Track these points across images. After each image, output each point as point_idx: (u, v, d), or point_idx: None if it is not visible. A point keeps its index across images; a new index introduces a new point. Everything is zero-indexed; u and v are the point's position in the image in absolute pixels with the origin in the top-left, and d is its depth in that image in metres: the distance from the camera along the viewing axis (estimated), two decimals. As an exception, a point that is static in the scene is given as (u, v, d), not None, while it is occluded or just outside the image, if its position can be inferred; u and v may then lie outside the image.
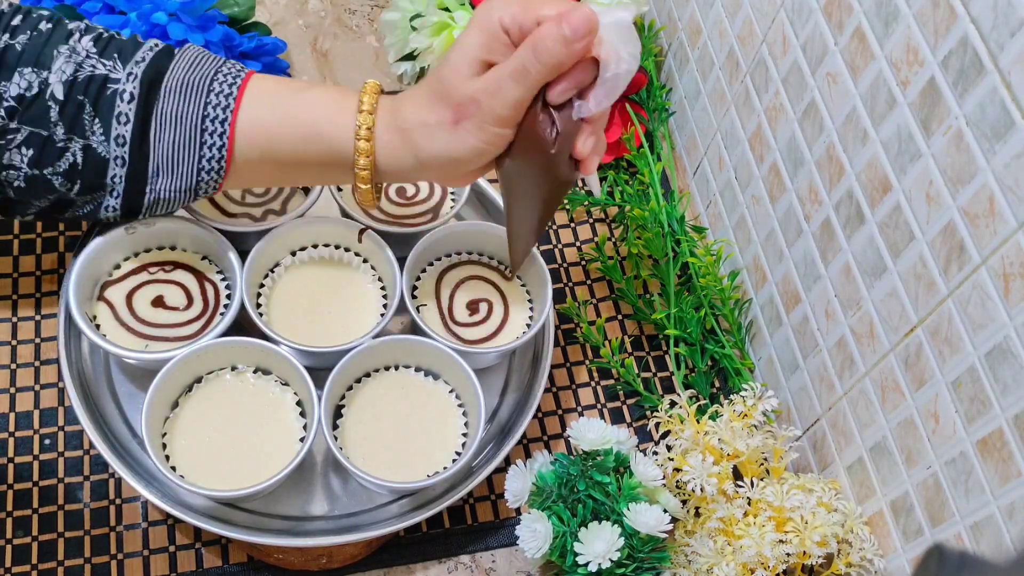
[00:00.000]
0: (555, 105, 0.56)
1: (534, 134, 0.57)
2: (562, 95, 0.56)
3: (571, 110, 0.56)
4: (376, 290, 0.75)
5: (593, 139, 0.58)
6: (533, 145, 0.57)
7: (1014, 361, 0.52)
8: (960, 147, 0.54)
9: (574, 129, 0.57)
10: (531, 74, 0.54)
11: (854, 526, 0.65)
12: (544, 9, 0.55)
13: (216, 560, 0.69)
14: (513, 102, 0.55)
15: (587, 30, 0.53)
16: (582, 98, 0.56)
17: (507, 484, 0.69)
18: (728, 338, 0.81)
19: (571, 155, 0.58)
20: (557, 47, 0.53)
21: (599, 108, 0.56)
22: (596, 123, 0.58)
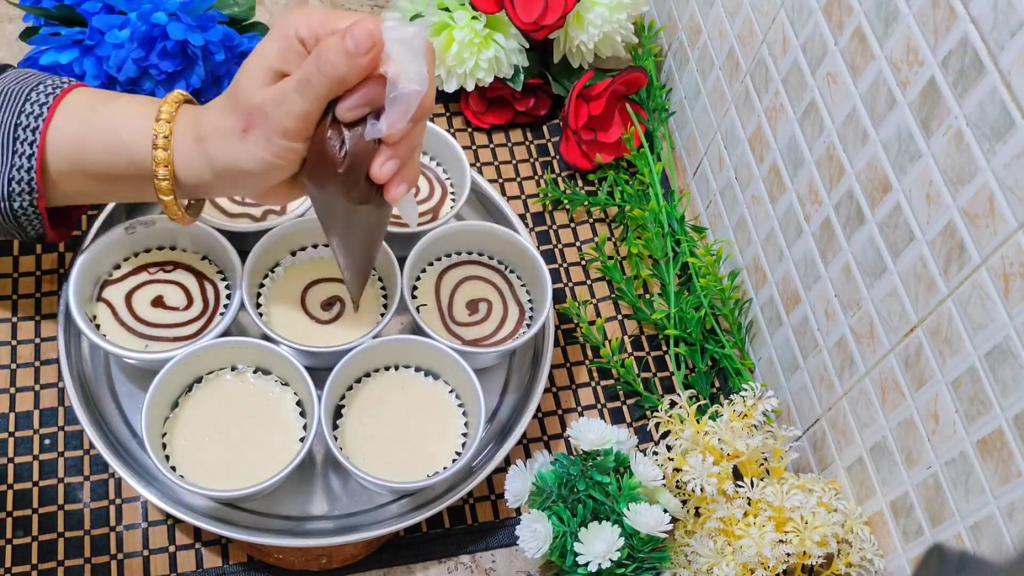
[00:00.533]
0: (346, 123, 0.54)
1: (324, 151, 0.54)
2: (350, 112, 0.54)
3: (364, 128, 0.54)
4: (376, 290, 0.75)
5: (393, 163, 0.55)
6: (323, 162, 0.55)
7: (1014, 361, 0.52)
8: (960, 147, 0.54)
9: (369, 149, 0.54)
10: (314, 86, 0.52)
11: (854, 526, 0.65)
12: (341, 22, 0.53)
13: (216, 560, 0.69)
14: (298, 114, 0.53)
15: (369, 44, 0.51)
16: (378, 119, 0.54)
17: (507, 484, 0.69)
18: (728, 338, 0.81)
19: (368, 178, 0.55)
20: (339, 60, 0.51)
21: (391, 129, 0.53)
22: (397, 147, 0.55)
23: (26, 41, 0.81)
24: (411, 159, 0.57)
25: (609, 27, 0.87)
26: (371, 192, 0.56)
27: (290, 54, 0.54)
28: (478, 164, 0.90)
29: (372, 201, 0.57)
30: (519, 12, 0.83)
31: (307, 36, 0.53)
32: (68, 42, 0.78)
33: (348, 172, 0.54)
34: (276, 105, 0.53)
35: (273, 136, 0.54)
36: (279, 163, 0.55)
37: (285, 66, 0.54)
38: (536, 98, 0.91)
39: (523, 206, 0.88)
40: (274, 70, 0.54)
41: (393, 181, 0.56)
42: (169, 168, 0.58)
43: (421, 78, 0.51)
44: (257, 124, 0.54)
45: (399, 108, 0.52)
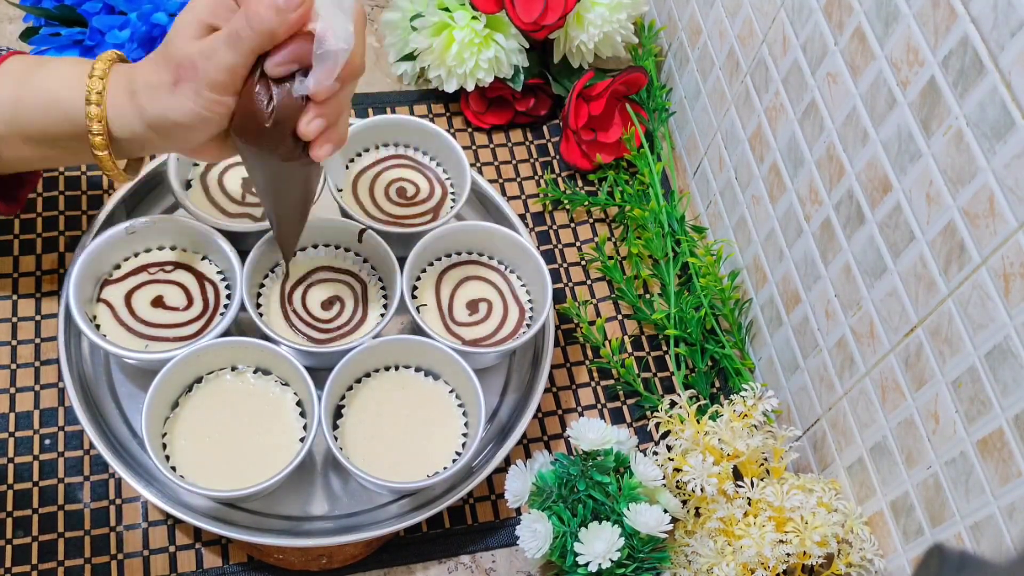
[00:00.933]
0: (275, 78, 0.54)
1: (252, 105, 0.55)
2: (278, 67, 0.54)
3: (292, 85, 0.54)
4: (376, 290, 0.75)
5: (320, 121, 0.56)
6: (250, 118, 0.55)
7: (1014, 361, 0.52)
8: (960, 147, 0.54)
9: (296, 106, 0.55)
10: (243, 40, 0.53)
11: (854, 526, 0.65)
12: None
13: (216, 560, 0.69)
14: (227, 67, 0.54)
15: (299, 0, 0.52)
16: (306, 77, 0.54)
17: (507, 484, 0.69)
18: (728, 338, 0.81)
19: (296, 135, 0.56)
20: (268, 13, 0.52)
21: (319, 86, 0.54)
22: (325, 105, 0.56)
23: (26, 41, 0.81)
24: (338, 120, 0.57)
25: (609, 27, 0.87)
26: (296, 149, 0.56)
27: (220, 8, 0.54)
28: (478, 164, 0.90)
29: (298, 158, 0.57)
30: (519, 12, 0.83)
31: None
32: (68, 42, 0.78)
33: (275, 127, 0.55)
34: (205, 58, 0.54)
35: (202, 88, 0.54)
36: (208, 115, 0.56)
37: (216, 20, 0.54)
38: (536, 98, 0.91)
39: (523, 206, 0.88)
40: (205, 23, 0.55)
41: (319, 140, 0.56)
42: (103, 123, 0.58)
43: (348, 36, 0.52)
44: (187, 76, 0.55)
45: (326, 65, 0.53)
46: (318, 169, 0.61)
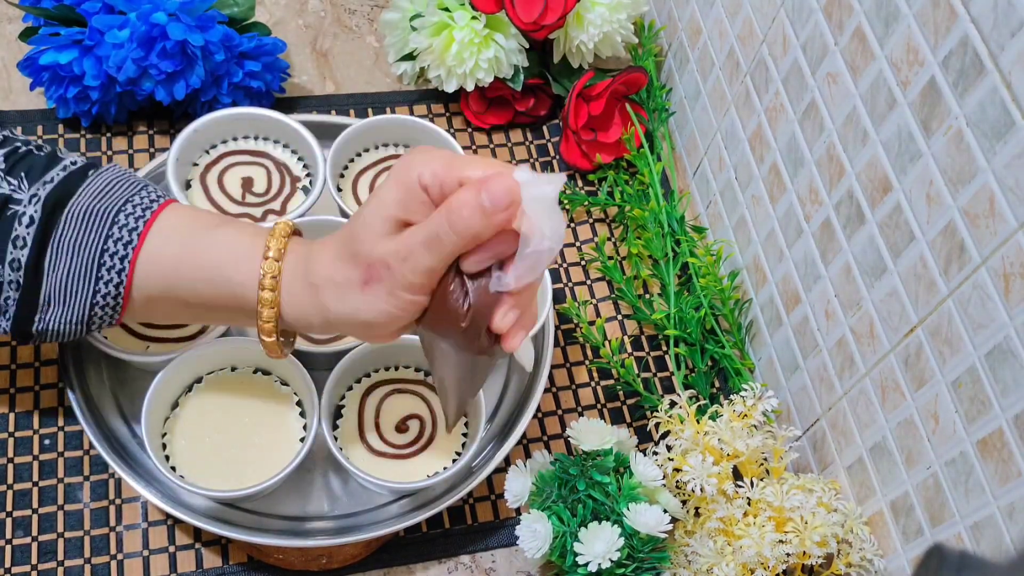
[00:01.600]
0: (470, 274, 0.51)
1: (446, 304, 0.52)
2: (477, 265, 0.50)
3: (488, 281, 0.51)
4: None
5: (514, 313, 0.52)
6: (445, 315, 0.52)
7: (1014, 361, 0.52)
8: (960, 147, 0.54)
9: (491, 302, 0.51)
10: (444, 244, 0.49)
11: (854, 526, 0.65)
12: (468, 170, 0.49)
13: (216, 560, 0.69)
14: (425, 270, 0.50)
15: (508, 202, 0.47)
16: (503, 269, 0.51)
17: (507, 484, 0.69)
18: (728, 338, 0.81)
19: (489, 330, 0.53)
20: (474, 217, 0.48)
21: (519, 284, 0.50)
22: (519, 297, 0.52)
23: (26, 41, 0.81)
24: (530, 307, 0.54)
25: (609, 27, 0.87)
26: (490, 343, 0.53)
27: (413, 203, 0.50)
28: (478, 164, 0.90)
29: (489, 351, 0.54)
30: (519, 12, 0.83)
31: (430, 183, 0.50)
32: (68, 42, 0.78)
33: (471, 326, 0.52)
34: (401, 260, 0.50)
35: (397, 290, 0.51)
36: (402, 315, 0.53)
37: (408, 215, 0.51)
38: (536, 98, 0.91)
39: (523, 206, 0.88)
40: (396, 219, 0.51)
41: (512, 331, 0.53)
42: (275, 309, 0.55)
43: (557, 236, 0.48)
44: (380, 278, 0.51)
45: (529, 264, 0.49)
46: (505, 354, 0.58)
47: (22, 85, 0.86)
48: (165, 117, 0.87)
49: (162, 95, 0.79)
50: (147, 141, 0.85)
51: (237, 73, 0.82)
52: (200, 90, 0.81)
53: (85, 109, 0.82)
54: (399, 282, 0.51)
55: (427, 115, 0.92)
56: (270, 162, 0.78)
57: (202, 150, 0.77)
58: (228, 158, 0.77)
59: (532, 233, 0.48)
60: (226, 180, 0.77)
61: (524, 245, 0.49)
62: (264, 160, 0.78)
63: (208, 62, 0.79)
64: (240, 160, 0.77)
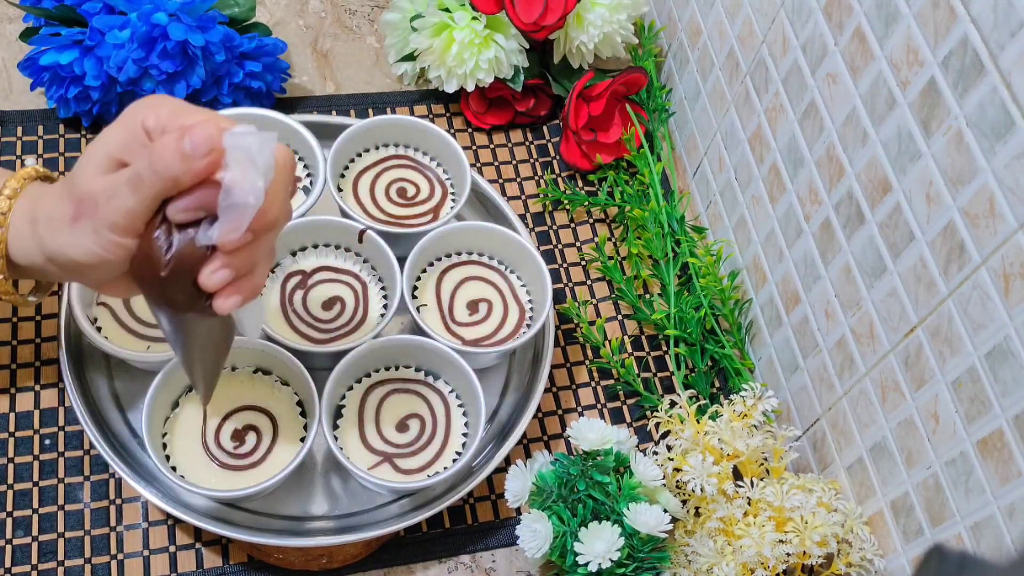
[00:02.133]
0: (177, 224, 0.50)
1: (150, 250, 0.50)
2: (181, 214, 0.49)
3: (196, 233, 0.49)
4: (376, 291, 0.75)
5: (225, 272, 0.50)
6: (147, 264, 0.50)
7: (1014, 361, 0.52)
8: (960, 147, 0.54)
9: (199, 255, 0.50)
10: (145, 184, 0.48)
11: (854, 526, 0.65)
12: (190, 118, 0.49)
13: (216, 560, 0.69)
14: (127, 210, 0.49)
15: (207, 149, 0.47)
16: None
17: (507, 484, 0.69)
18: (728, 338, 0.81)
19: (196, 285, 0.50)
20: (173, 160, 0.47)
21: (224, 238, 0.49)
22: (234, 256, 0.50)
23: (26, 41, 0.81)
24: (252, 271, 0.52)
25: (609, 28, 0.87)
26: (198, 300, 0.51)
27: (133, 144, 0.50)
28: (478, 164, 0.90)
29: (198, 309, 0.52)
30: (519, 13, 0.83)
31: (153, 127, 0.50)
32: (68, 42, 0.78)
33: (171, 276, 0.50)
34: (107, 197, 0.50)
35: (101, 228, 0.50)
36: (109, 257, 0.51)
37: (126, 155, 0.50)
38: (536, 98, 0.91)
39: (523, 206, 0.88)
40: (113, 159, 0.51)
41: (224, 291, 0.51)
42: (2, 246, 0.55)
43: (256, 192, 0.47)
44: (86, 214, 0.51)
45: (232, 218, 0.48)
46: (228, 319, 0.56)
47: (23, 85, 0.86)
48: (165, 117, 0.87)
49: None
50: (147, 141, 0.85)
51: (238, 73, 0.82)
52: (201, 90, 0.81)
53: (86, 109, 0.82)
54: (103, 220, 0.50)
55: (427, 115, 0.92)
56: (270, 162, 0.78)
57: (202, 150, 0.77)
58: (228, 158, 0.77)
59: (234, 185, 0.47)
60: (226, 180, 0.77)
61: (225, 196, 0.48)
62: (264, 160, 0.78)
63: (209, 62, 0.79)
64: None
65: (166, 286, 0.51)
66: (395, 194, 0.79)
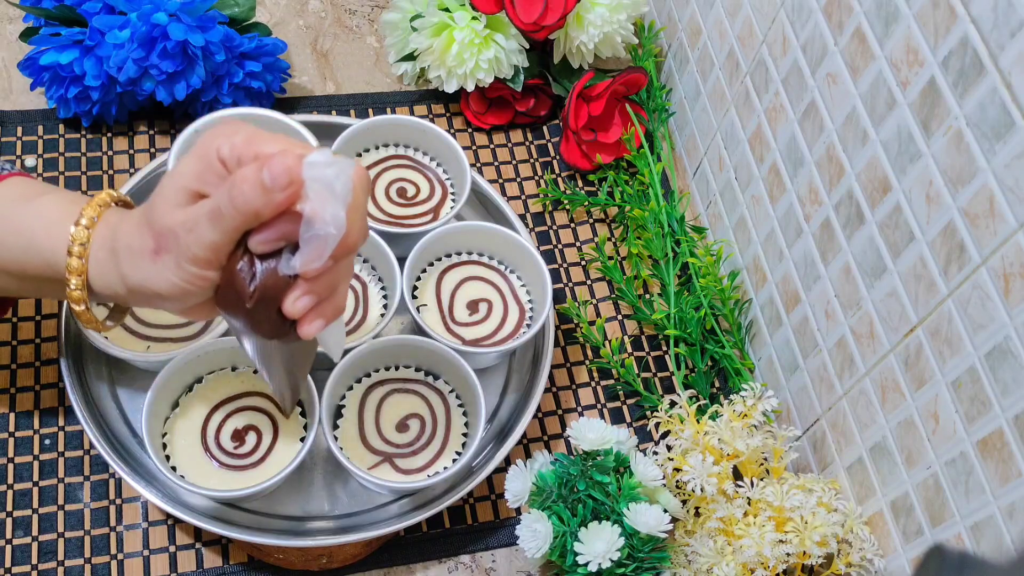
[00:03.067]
0: (259, 255, 0.50)
1: (234, 283, 0.50)
2: (263, 245, 0.49)
3: (278, 263, 0.50)
4: (376, 290, 0.75)
5: (308, 299, 0.50)
6: (232, 295, 0.51)
7: (1014, 361, 0.52)
8: (960, 147, 0.54)
9: (282, 284, 0.50)
10: (226, 218, 0.48)
11: (854, 526, 0.65)
12: (266, 147, 0.48)
13: (216, 560, 0.69)
14: (209, 243, 0.49)
15: (287, 181, 0.46)
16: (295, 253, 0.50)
17: (507, 484, 0.69)
18: (728, 338, 0.81)
19: (282, 312, 0.51)
20: (253, 193, 0.47)
21: (306, 268, 0.49)
22: (315, 283, 0.50)
23: (26, 41, 0.81)
24: (333, 295, 0.52)
25: (609, 27, 0.87)
26: (283, 327, 0.52)
27: (209, 175, 0.50)
28: (478, 164, 0.90)
29: (284, 336, 0.52)
30: (519, 12, 0.83)
31: (228, 156, 0.49)
32: (68, 42, 0.78)
33: (257, 306, 0.50)
34: (187, 231, 0.49)
35: (183, 262, 0.50)
36: (191, 289, 0.51)
37: (203, 187, 0.50)
38: (536, 98, 0.91)
39: (523, 206, 0.88)
40: (191, 190, 0.50)
41: (307, 317, 0.51)
42: (83, 277, 0.54)
43: (338, 222, 0.47)
44: (168, 248, 0.50)
45: (313, 247, 0.48)
46: (310, 343, 0.57)
47: (23, 85, 0.86)
48: (166, 117, 0.87)
49: (163, 95, 0.79)
50: (148, 141, 0.86)
51: (238, 73, 0.82)
52: (201, 90, 0.81)
53: (86, 109, 0.82)
54: (185, 254, 0.50)
55: (427, 115, 0.92)
56: (270, 162, 0.78)
57: (202, 150, 0.77)
58: (228, 158, 0.77)
59: (315, 217, 0.47)
60: (226, 180, 0.77)
61: (307, 228, 0.48)
62: (264, 160, 0.78)
63: (209, 62, 0.79)
64: None
65: (251, 315, 0.51)
66: (395, 194, 0.79)
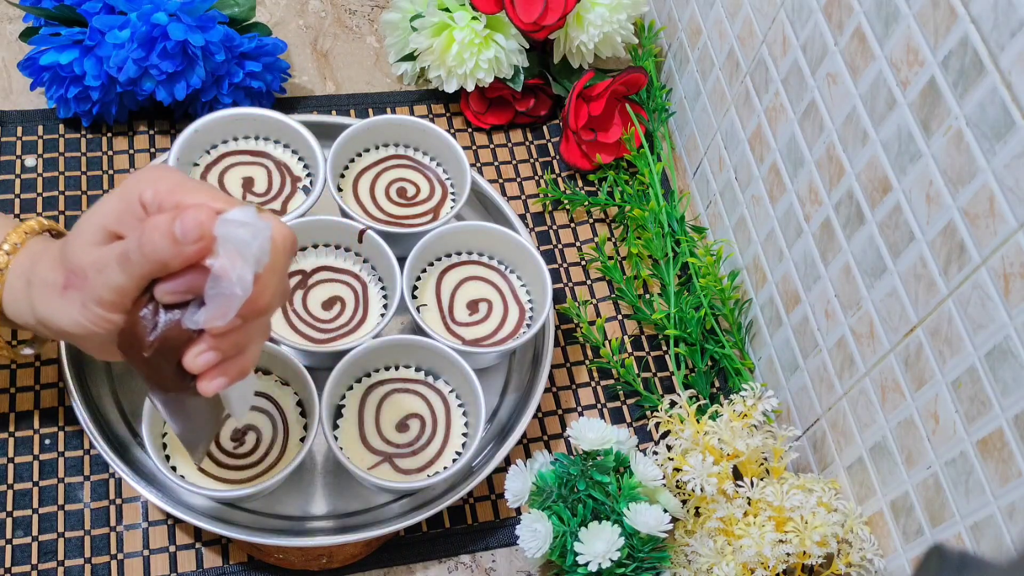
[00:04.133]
0: (167, 305, 0.49)
1: (135, 329, 0.49)
2: (168, 296, 0.48)
3: (183, 315, 0.49)
4: (376, 290, 0.75)
5: (210, 355, 0.49)
6: (131, 342, 0.49)
7: (1014, 361, 0.52)
8: (960, 147, 0.54)
9: (182, 337, 0.49)
10: (133, 263, 0.47)
11: (854, 526, 0.65)
12: (188, 197, 0.48)
13: (216, 560, 0.69)
14: (115, 287, 0.48)
15: (197, 236, 0.45)
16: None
17: (507, 484, 0.69)
18: (728, 338, 0.81)
19: (181, 366, 0.50)
20: (163, 243, 0.46)
21: (209, 324, 0.48)
22: (220, 340, 0.49)
23: (26, 41, 0.81)
24: (240, 354, 0.51)
25: (609, 27, 0.87)
26: (182, 381, 0.50)
27: (128, 217, 0.49)
28: (478, 164, 0.90)
29: (182, 390, 0.51)
30: (519, 12, 0.83)
31: (150, 202, 0.49)
32: (68, 42, 0.78)
33: (155, 356, 0.49)
34: (96, 271, 0.49)
35: (89, 302, 0.49)
36: (95, 330, 0.50)
37: (121, 228, 0.49)
38: (536, 98, 0.91)
39: (523, 206, 0.88)
40: (107, 230, 0.50)
41: (209, 374, 0.50)
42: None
43: (244, 283, 0.46)
44: (75, 285, 0.50)
45: (218, 304, 0.47)
46: (216, 397, 0.54)
47: (23, 85, 0.86)
48: (166, 117, 0.87)
49: (163, 95, 0.79)
50: (148, 141, 0.86)
51: (238, 73, 0.82)
52: (201, 90, 0.81)
53: (86, 109, 0.82)
54: (91, 294, 0.49)
55: (427, 115, 0.92)
56: (271, 162, 0.78)
57: (203, 150, 0.77)
58: (229, 158, 0.77)
59: (223, 275, 0.46)
60: (227, 180, 0.77)
61: (213, 285, 0.47)
62: (265, 160, 0.78)
63: (209, 62, 0.79)
64: (241, 160, 0.77)
65: (149, 365, 0.50)
66: (395, 194, 0.79)
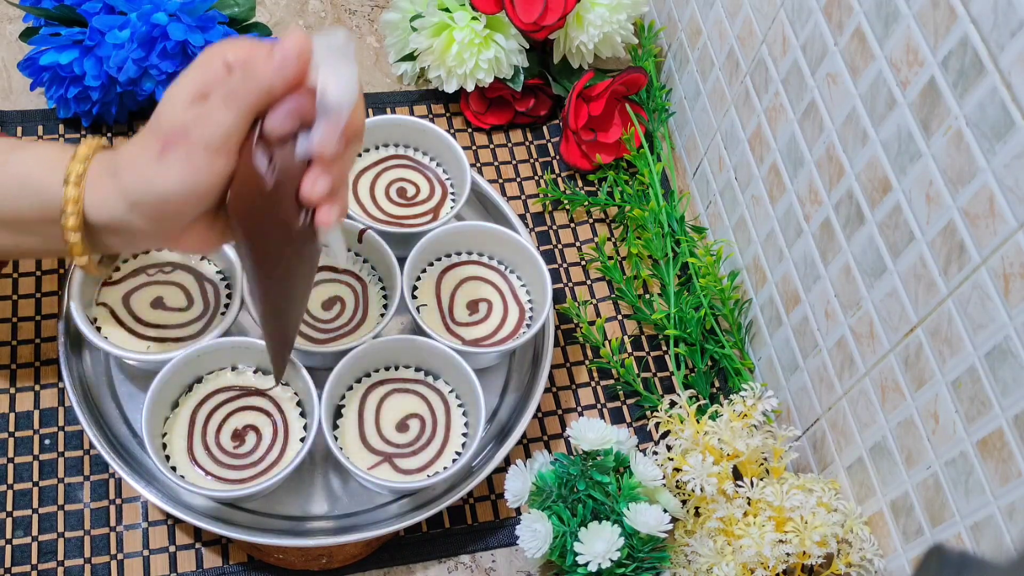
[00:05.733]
0: (275, 138, 0.51)
1: (249, 170, 0.50)
2: (279, 125, 0.50)
3: (294, 146, 0.51)
4: (376, 290, 0.75)
5: (325, 181, 0.51)
6: (249, 183, 0.51)
7: (1014, 361, 0.52)
8: (960, 147, 0.54)
9: (297, 167, 0.51)
10: (239, 96, 0.49)
11: (854, 526, 0.65)
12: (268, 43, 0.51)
13: (216, 560, 0.69)
14: (223, 128, 0.50)
15: (298, 51, 0.49)
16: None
17: (507, 484, 0.69)
18: (728, 338, 0.81)
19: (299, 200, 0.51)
20: (266, 68, 0.49)
21: (323, 144, 0.50)
22: (329, 165, 0.51)
23: (26, 41, 0.81)
24: (343, 186, 0.54)
25: (609, 28, 0.87)
26: (300, 214, 0.52)
27: (214, 78, 0.51)
28: (478, 164, 0.90)
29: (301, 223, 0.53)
30: (519, 13, 0.83)
31: (233, 61, 0.51)
32: (68, 42, 0.78)
33: (276, 189, 0.51)
34: (200, 121, 0.50)
35: (194, 151, 0.51)
36: (200, 181, 0.51)
37: (209, 88, 0.51)
38: (536, 98, 0.91)
39: (523, 206, 0.88)
40: (197, 92, 0.51)
41: (325, 203, 0.52)
42: (79, 205, 0.54)
43: (352, 87, 0.49)
44: (176, 141, 0.51)
45: (330, 119, 0.49)
46: (317, 251, 0.57)
47: (22, 85, 0.86)
48: (165, 117, 0.87)
49: (163, 95, 0.79)
50: (147, 141, 0.85)
51: (237, 73, 0.82)
52: (200, 90, 0.81)
53: (86, 109, 0.82)
54: (196, 143, 0.50)
55: (427, 115, 0.92)
56: (270, 162, 0.78)
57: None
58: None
59: (328, 83, 0.49)
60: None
61: (321, 96, 0.49)
62: (264, 160, 0.78)
63: (208, 62, 0.79)
64: None
65: (269, 202, 0.51)
66: (395, 194, 0.79)
